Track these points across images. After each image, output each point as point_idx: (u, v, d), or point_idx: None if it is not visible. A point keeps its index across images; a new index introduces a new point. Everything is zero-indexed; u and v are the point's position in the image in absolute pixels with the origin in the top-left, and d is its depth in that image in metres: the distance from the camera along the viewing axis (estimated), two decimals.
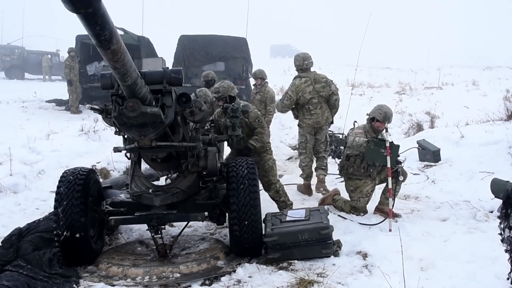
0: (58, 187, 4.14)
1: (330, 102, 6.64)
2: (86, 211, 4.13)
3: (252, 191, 4.22)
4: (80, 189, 4.10)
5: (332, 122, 6.95)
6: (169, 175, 5.60)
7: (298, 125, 6.83)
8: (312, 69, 6.73)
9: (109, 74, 3.50)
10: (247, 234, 4.18)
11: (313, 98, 6.52)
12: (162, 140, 3.94)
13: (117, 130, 3.84)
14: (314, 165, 6.89)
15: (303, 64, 6.63)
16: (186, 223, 4.66)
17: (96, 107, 3.70)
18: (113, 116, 3.51)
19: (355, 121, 5.93)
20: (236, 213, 4.16)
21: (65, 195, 4.05)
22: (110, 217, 4.39)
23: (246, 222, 4.15)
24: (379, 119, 5.50)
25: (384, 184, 5.53)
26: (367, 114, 5.70)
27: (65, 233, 3.98)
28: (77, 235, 4.01)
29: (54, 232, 4.03)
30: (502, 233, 3.22)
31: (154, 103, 3.62)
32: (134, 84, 3.19)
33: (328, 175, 7.02)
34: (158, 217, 4.21)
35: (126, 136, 4.05)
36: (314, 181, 6.86)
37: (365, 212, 5.55)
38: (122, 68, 2.90)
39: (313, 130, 6.71)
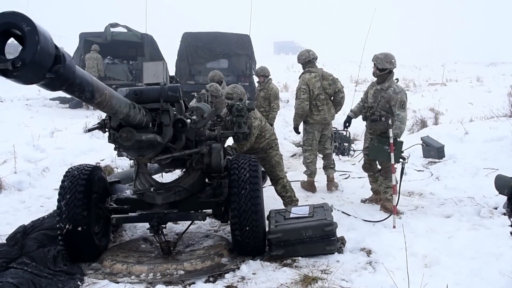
0: (62, 181, 4.18)
1: (336, 99, 6.69)
2: (89, 205, 4.14)
3: (253, 196, 4.15)
4: (83, 184, 4.12)
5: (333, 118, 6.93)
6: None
7: (304, 122, 6.77)
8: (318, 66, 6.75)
9: None
10: (248, 239, 4.17)
11: (321, 94, 6.56)
12: (163, 153, 3.92)
13: (116, 148, 3.82)
14: (318, 162, 6.88)
15: (309, 55, 6.64)
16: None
17: (95, 126, 3.69)
18: (109, 142, 3.52)
19: None
20: (237, 218, 4.13)
21: (68, 189, 4.08)
22: (112, 216, 4.39)
23: (247, 228, 4.12)
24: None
25: (385, 181, 5.54)
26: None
27: (67, 226, 4.00)
28: (79, 229, 4.03)
29: (57, 225, 4.05)
30: None
31: (150, 124, 3.60)
32: (126, 116, 3.20)
33: None
34: (158, 217, 4.19)
35: None
36: (317, 178, 6.85)
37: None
38: (111, 111, 2.96)
39: (320, 127, 6.72)
